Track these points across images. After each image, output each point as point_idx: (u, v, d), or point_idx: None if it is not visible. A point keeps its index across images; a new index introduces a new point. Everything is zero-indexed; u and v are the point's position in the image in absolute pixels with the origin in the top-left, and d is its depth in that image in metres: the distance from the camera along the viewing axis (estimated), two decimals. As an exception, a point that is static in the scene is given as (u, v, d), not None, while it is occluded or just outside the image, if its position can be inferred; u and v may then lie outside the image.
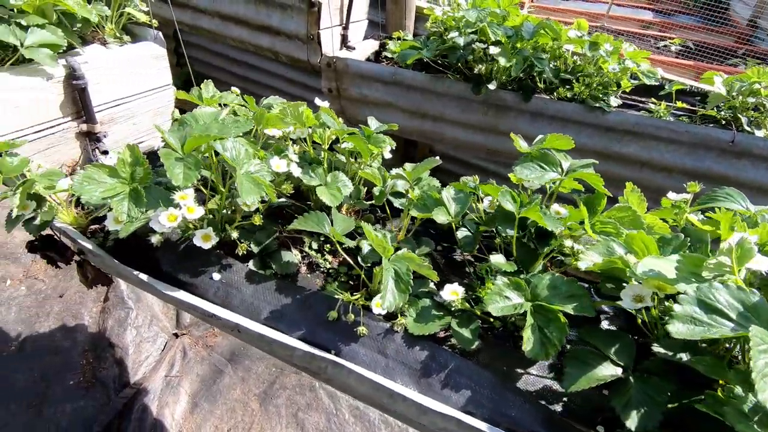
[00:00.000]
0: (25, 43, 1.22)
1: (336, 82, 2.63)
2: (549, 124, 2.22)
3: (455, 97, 2.36)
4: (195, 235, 0.98)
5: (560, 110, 2.13)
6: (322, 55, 2.57)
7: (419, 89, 2.41)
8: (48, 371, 2.17)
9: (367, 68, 2.45)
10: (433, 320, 0.97)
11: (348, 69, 2.50)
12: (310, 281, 1.18)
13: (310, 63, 2.66)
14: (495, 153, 2.56)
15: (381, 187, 1.23)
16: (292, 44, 2.68)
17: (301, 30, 2.55)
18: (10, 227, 1.06)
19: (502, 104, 2.25)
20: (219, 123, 1.04)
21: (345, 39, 2.75)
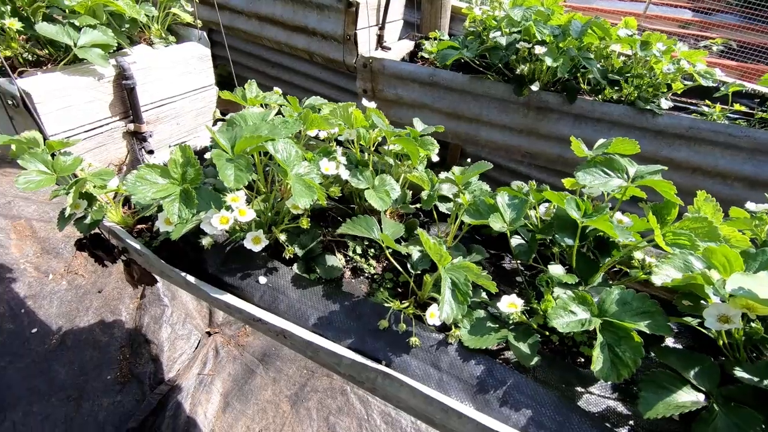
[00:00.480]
0: (78, 43, 1.23)
1: (371, 83, 2.61)
2: (594, 126, 2.14)
3: (494, 99, 2.29)
4: (245, 238, 0.96)
5: (607, 112, 2.04)
6: (358, 55, 2.55)
7: (457, 90, 2.36)
8: (87, 365, 2.21)
9: (403, 69, 2.42)
10: (488, 333, 0.93)
11: (384, 69, 2.47)
12: (355, 287, 1.15)
13: (345, 63, 2.65)
14: (532, 156, 2.48)
15: (429, 191, 1.18)
16: (327, 45, 2.66)
17: (338, 30, 2.53)
18: (62, 225, 1.07)
19: (543, 106, 2.18)
20: (269, 124, 1.02)
21: (381, 39, 2.72)
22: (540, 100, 2.16)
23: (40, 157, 1.03)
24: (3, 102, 1.17)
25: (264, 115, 1.14)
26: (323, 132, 1.32)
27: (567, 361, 0.97)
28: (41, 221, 2.79)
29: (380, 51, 2.72)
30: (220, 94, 1.44)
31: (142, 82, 1.36)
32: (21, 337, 2.26)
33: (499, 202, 1.05)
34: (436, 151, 1.26)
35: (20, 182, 0.97)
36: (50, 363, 2.20)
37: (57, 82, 1.18)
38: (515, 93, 2.11)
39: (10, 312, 2.32)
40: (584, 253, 1.05)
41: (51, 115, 1.18)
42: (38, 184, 0.99)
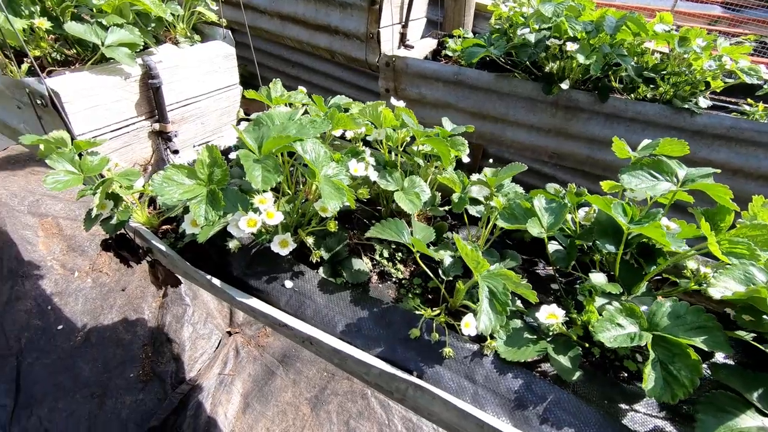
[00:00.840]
0: (106, 42, 1.22)
1: (394, 82, 2.57)
2: (627, 126, 2.05)
3: (521, 98, 2.23)
4: (272, 241, 0.93)
5: (641, 112, 1.96)
6: (380, 54, 2.51)
7: (482, 89, 2.30)
8: (110, 363, 2.23)
9: (427, 67, 2.37)
10: (526, 345, 0.87)
11: (408, 68, 2.43)
12: (382, 292, 1.11)
13: (367, 62, 2.61)
14: (560, 157, 2.41)
15: (460, 193, 1.14)
16: (350, 43, 2.63)
17: (361, 28, 2.50)
18: (89, 226, 1.06)
19: (573, 105, 2.10)
20: (297, 123, 0.99)
21: (404, 37, 2.68)
22: (569, 99, 2.08)
23: (67, 157, 1.02)
24: (32, 101, 1.17)
25: (290, 115, 1.11)
26: (350, 132, 1.29)
27: (609, 375, 0.91)
28: (68, 219, 2.84)
29: (403, 49, 2.68)
30: (244, 94, 1.42)
31: (167, 81, 1.35)
32: (48, 333, 2.30)
33: (536, 205, 1.00)
34: (467, 152, 1.21)
35: (48, 182, 0.96)
36: (75, 360, 2.23)
37: (85, 81, 1.18)
38: (544, 92, 2.04)
39: (37, 309, 2.36)
40: (627, 260, 0.99)
41: (78, 115, 1.17)
42: (66, 184, 0.98)
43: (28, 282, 2.45)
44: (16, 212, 2.77)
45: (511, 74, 2.20)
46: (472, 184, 1.16)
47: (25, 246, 2.60)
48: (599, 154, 2.23)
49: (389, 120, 1.09)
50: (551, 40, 1.87)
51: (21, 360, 2.18)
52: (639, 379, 0.92)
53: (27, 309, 2.35)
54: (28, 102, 1.18)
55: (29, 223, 2.74)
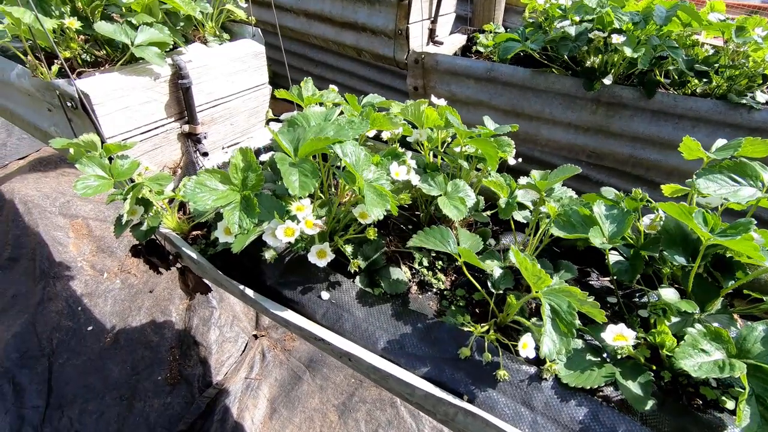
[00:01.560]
0: (135, 42, 1.18)
1: (423, 80, 2.49)
2: (675, 124, 1.92)
3: (558, 94, 2.12)
4: (309, 251, 0.87)
5: (693, 108, 1.82)
6: (409, 51, 2.44)
7: (517, 86, 2.20)
8: (139, 365, 2.23)
9: (459, 64, 2.28)
10: (590, 368, 0.79)
11: (438, 65, 2.34)
12: (423, 304, 1.04)
13: (395, 60, 2.54)
14: (598, 156, 2.28)
15: (508, 198, 1.05)
16: (377, 41, 2.57)
17: (389, 25, 2.42)
18: (119, 232, 1.02)
19: (616, 101, 1.98)
20: (335, 124, 0.93)
21: (432, 33, 2.60)
22: (612, 95, 1.96)
23: (97, 161, 0.98)
24: (62, 104, 1.14)
25: (326, 115, 1.05)
26: (386, 132, 1.22)
27: (681, 402, 0.82)
28: (97, 220, 2.86)
29: (432, 46, 2.60)
30: (275, 93, 1.36)
31: (197, 81, 1.31)
32: (78, 334, 2.31)
33: (597, 212, 0.91)
34: (513, 153, 1.12)
35: (78, 187, 0.93)
36: (104, 361, 2.23)
37: (115, 82, 1.14)
38: (585, 88, 1.92)
39: (68, 309, 2.38)
40: (700, 273, 0.89)
41: (108, 117, 1.14)
42: (96, 190, 0.94)
43: (59, 283, 2.47)
44: (48, 213, 2.81)
45: (548, 70, 2.09)
46: (519, 188, 1.07)
47: (56, 247, 2.63)
48: (642, 154, 2.10)
49: (432, 119, 1.01)
50: (594, 33, 1.76)
51: (53, 361, 2.20)
52: (716, 407, 0.82)
53: (58, 310, 2.37)
54: (58, 104, 1.16)
55: (60, 224, 2.77)
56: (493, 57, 2.45)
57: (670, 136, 1.96)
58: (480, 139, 1.00)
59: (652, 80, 1.85)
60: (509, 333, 0.95)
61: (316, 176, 0.85)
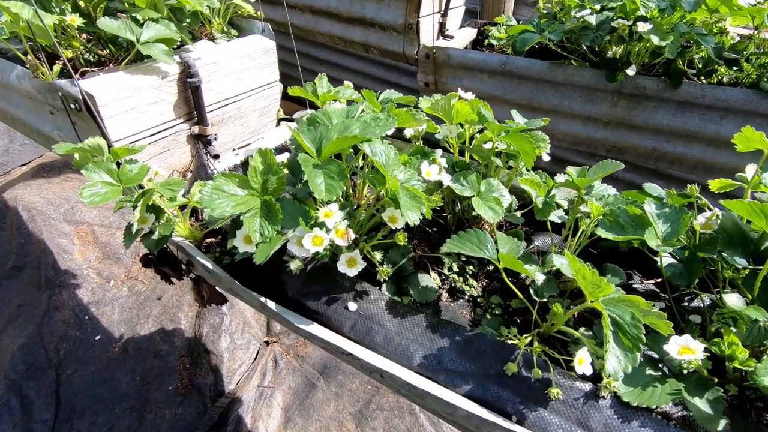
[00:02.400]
0: (141, 39, 1.12)
1: (434, 75, 2.41)
2: (702, 115, 1.84)
3: (577, 87, 2.04)
4: (338, 259, 0.80)
5: (721, 98, 1.74)
6: (419, 45, 2.36)
7: (533, 79, 2.12)
8: (148, 374, 2.17)
9: (472, 58, 2.20)
10: (652, 384, 0.71)
11: (450, 60, 2.27)
12: (455, 312, 0.97)
13: (405, 55, 2.46)
14: (619, 151, 2.20)
15: (545, 197, 0.98)
16: (386, 36, 2.49)
17: (399, 19, 2.35)
18: (129, 242, 0.95)
19: (639, 93, 1.90)
20: (360, 121, 0.85)
21: (443, 27, 2.51)
22: (635, 87, 1.88)
23: (104, 167, 0.91)
24: (65, 106, 1.07)
25: (348, 112, 0.97)
26: (409, 129, 1.15)
27: (750, 419, 0.74)
28: (102, 226, 2.80)
29: (442, 40, 2.52)
30: (288, 91, 1.29)
31: (206, 80, 1.24)
32: (86, 344, 2.25)
33: (648, 211, 0.83)
34: (548, 149, 1.05)
35: (85, 196, 0.86)
36: (113, 371, 2.17)
37: (120, 82, 1.07)
38: (607, 79, 1.84)
39: (75, 319, 2.32)
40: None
41: (115, 119, 1.07)
42: (104, 197, 0.87)
43: (66, 291, 2.41)
44: (52, 220, 2.75)
45: (567, 62, 2.01)
46: (557, 186, 1.00)
47: (61, 255, 2.57)
48: (666, 147, 2.02)
49: (463, 114, 0.94)
50: (618, 21, 1.68)
51: (60, 372, 2.14)
52: (789, 423, 0.74)
53: (65, 319, 2.31)
54: (61, 107, 1.09)
55: (65, 231, 2.71)
56: (506, 50, 2.37)
57: (696, 127, 1.87)
58: (515, 134, 0.93)
59: (677, 70, 1.77)
60: (552, 343, 0.88)
61: (343, 178, 0.78)
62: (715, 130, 1.84)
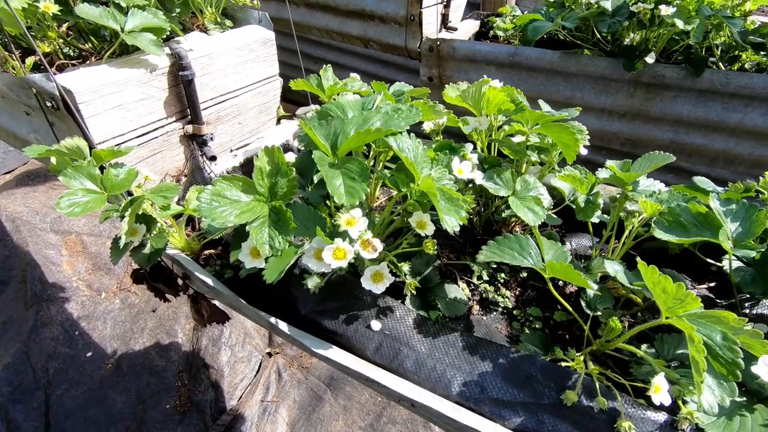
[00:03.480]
0: (126, 28, 0.99)
1: (438, 69, 2.30)
2: (725, 104, 1.74)
3: (591, 77, 1.94)
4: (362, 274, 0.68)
5: (747, 85, 1.65)
6: (422, 38, 2.25)
7: (543, 70, 2.02)
8: (144, 393, 2.03)
9: (479, 49, 2.10)
10: (739, 412, 0.61)
11: (455, 52, 2.16)
12: (489, 327, 0.86)
13: (407, 49, 2.35)
14: (634, 144, 2.11)
15: (587, 194, 0.87)
16: (386, 29, 2.38)
17: (400, 11, 2.23)
18: (117, 258, 0.83)
19: (657, 82, 1.80)
20: (382, 113, 0.74)
21: (446, 19, 2.41)
22: (653, 75, 1.78)
23: (85, 172, 0.79)
24: (41, 105, 0.95)
25: (364, 103, 0.86)
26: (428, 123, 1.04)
27: None
28: (92, 235, 2.67)
29: (445, 32, 2.41)
30: (291, 84, 1.18)
31: (200, 73, 1.12)
32: (77, 362, 2.11)
33: (714, 208, 0.72)
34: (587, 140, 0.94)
35: (63, 206, 0.74)
36: (106, 390, 2.03)
37: (103, 76, 0.95)
38: (625, 67, 1.74)
39: (64, 335, 2.18)
40: None
41: (97, 118, 0.95)
42: (85, 207, 0.75)
43: (54, 306, 2.27)
44: (38, 230, 2.61)
45: (579, 51, 1.91)
46: (599, 182, 0.89)
47: (49, 267, 2.43)
48: (685, 138, 1.92)
49: (495, 103, 0.83)
50: (639, 5, 1.58)
51: (50, 393, 2.00)
52: None
53: (54, 336, 2.17)
54: (36, 105, 0.96)
55: (52, 241, 2.57)
56: (513, 41, 2.27)
57: (718, 117, 1.78)
58: (554, 124, 0.82)
59: (699, 56, 1.68)
60: (603, 361, 0.78)
61: (365, 179, 0.66)
62: (739, 120, 1.74)
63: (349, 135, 0.71)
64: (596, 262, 0.84)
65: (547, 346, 0.81)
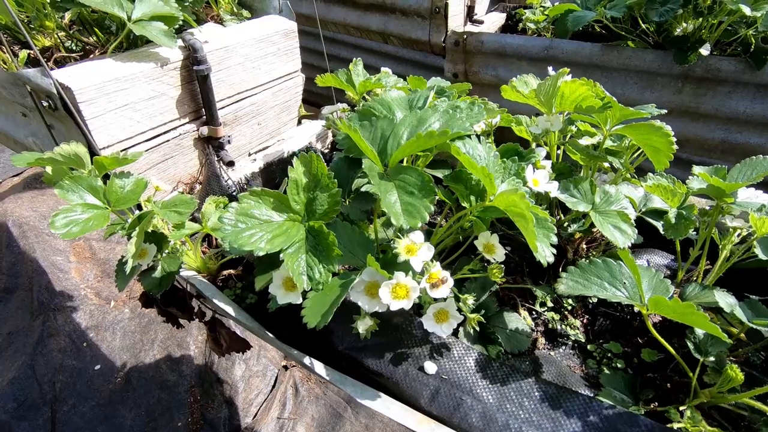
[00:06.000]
0: (133, 16, 0.87)
1: (464, 65, 2.16)
2: (788, 99, 1.58)
3: (634, 72, 1.79)
4: (424, 314, 0.55)
5: (816, 78, 1.49)
6: (447, 31, 2.11)
7: (581, 64, 1.86)
8: (155, 409, 1.92)
9: (509, 43, 1.95)
10: None
11: (483, 46, 2.02)
12: (560, 366, 0.72)
13: (430, 43, 2.21)
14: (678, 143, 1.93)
15: (678, 208, 0.73)
16: (408, 22, 2.24)
17: (424, 3, 2.09)
18: (123, 284, 0.70)
19: (711, 76, 1.64)
20: (440, 112, 0.60)
21: (471, 11, 2.27)
22: (707, 69, 1.62)
23: (86, 183, 0.67)
24: (37, 104, 0.83)
25: (412, 101, 0.72)
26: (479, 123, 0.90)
27: None
28: (101, 241, 2.57)
29: (470, 25, 2.27)
30: (317, 80, 1.05)
31: (216, 69, 0.99)
32: (84, 375, 2.01)
33: None
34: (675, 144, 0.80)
35: (58, 225, 0.61)
36: (116, 406, 1.93)
37: (107, 72, 0.83)
38: (676, 60, 1.59)
39: (72, 346, 2.08)
40: None
41: (101, 119, 0.82)
42: (85, 227, 0.63)
43: (61, 316, 2.18)
44: (45, 236, 2.51)
45: (622, 43, 1.76)
46: (692, 193, 0.74)
47: (56, 274, 2.33)
48: (738, 138, 1.76)
49: (573, 99, 0.68)
50: (697, -10, 1.43)
51: (56, 409, 1.90)
52: None
53: (61, 347, 2.07)
54: (32, 105, 0.84)
55: (60, 247, 2.48)
56: (545, 34, 2.12)
57: (780, 114, 1.62)
58: (644, 125, 0.68)
59: (761, 48, 1.51)
60: (707, 412, 0.63)
61: (428, 194, 0.53)
62: (802, 118, 1.58)
63: (402, 139, 0.58)
64: (692, 289, 0.70)
65: (635, 392, 0.67)
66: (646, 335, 0.76)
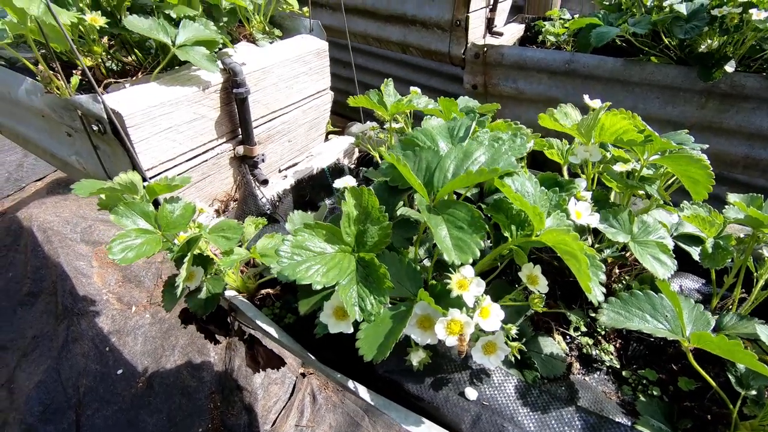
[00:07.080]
0: (177, 41, 0.90)
1: (483, 77, 2.17)
2: (814, 116, 1.57)
3: (656, 87, 1.79)
4: (473, 347, 0.56)
5: (843, 96, 1.48)
6: (467, 44, 2.12)
7: (602, 79, 1.87)
8: (176, 415, 1.96)
9: (530, 56, 1.96)
10: None
11: (503, 59, 2.03)
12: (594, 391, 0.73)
13: (450, 56, 2.22)
14: (699, 157, 1.93)
15: (715, 238, 0.74)
16: (428, 34, 2.26)
17: (445, 15, 2.11)
18: (170, 305, 0.73)
19: (735, 92, 1.64)
20: (485, 146, 0.62)
21: (491, 24, 2.28)
22: (731, 85, 1.62)
23: (138, 209, 0.70)
24: (85, 127, 0.86)
25: (451, 129, 0.74)
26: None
27: None
28: (122, 246, 2.61)
29: (490, 38, 2.29)
30: (350, 101, 1.07)
31: (253, 89, 1.02)
32: (107, 379, 2.05)
33: None
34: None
35: (115, 251, 0.64)
36: (137, 411, 1.96)
37: (153, 96, 0.86)
38: (701, 77, 1.59)
39: (95, 351, 2.13)
40: None
41: (146, 143, 0.85)
42: (139, 252, 0.65)
43: (85, 320, 2.22)
44: (69, 241, 2.56)
45: (645, 58, 1.76)
46: (729, 222, 0.75)
47: (79, 279, 2.38)
48: (762, 153, 1.75)
49: (613, 131, 0.70)
50: (724, 8, 1.43)
51: (80, 413, 1.94)
52: None
53: (84, 352, 2.12)
54: (80, 127, 0.88)
55: (83, 252, 2.53)
56: (565, 47, 2.12)
57: (804, 131, 1.61)
58: (682, 155, 0.69)
59: (787, 65, 1.51)
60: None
61: (478, 230, 0.55)
62: (828, 135, 1.58)
63: (449, 173, 0.60)
64: (730, 319, 0.70)
65: (672, 422, 0.68)
66: (681, 361, 0.77)
